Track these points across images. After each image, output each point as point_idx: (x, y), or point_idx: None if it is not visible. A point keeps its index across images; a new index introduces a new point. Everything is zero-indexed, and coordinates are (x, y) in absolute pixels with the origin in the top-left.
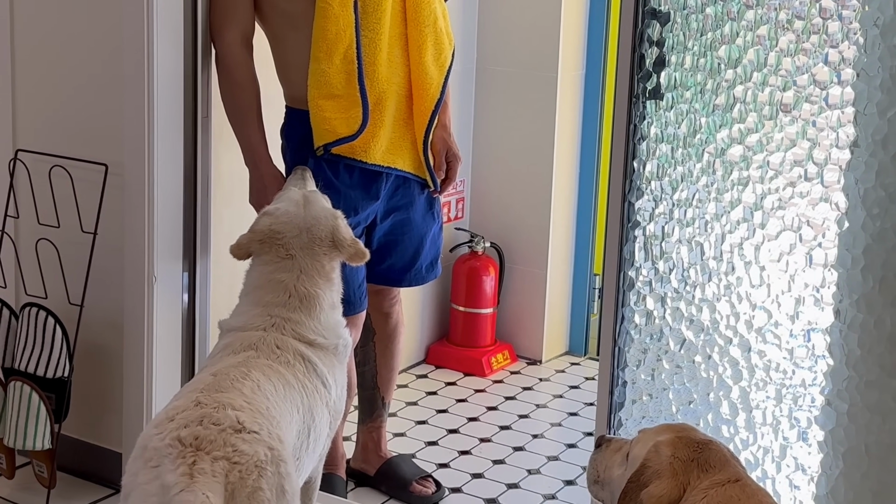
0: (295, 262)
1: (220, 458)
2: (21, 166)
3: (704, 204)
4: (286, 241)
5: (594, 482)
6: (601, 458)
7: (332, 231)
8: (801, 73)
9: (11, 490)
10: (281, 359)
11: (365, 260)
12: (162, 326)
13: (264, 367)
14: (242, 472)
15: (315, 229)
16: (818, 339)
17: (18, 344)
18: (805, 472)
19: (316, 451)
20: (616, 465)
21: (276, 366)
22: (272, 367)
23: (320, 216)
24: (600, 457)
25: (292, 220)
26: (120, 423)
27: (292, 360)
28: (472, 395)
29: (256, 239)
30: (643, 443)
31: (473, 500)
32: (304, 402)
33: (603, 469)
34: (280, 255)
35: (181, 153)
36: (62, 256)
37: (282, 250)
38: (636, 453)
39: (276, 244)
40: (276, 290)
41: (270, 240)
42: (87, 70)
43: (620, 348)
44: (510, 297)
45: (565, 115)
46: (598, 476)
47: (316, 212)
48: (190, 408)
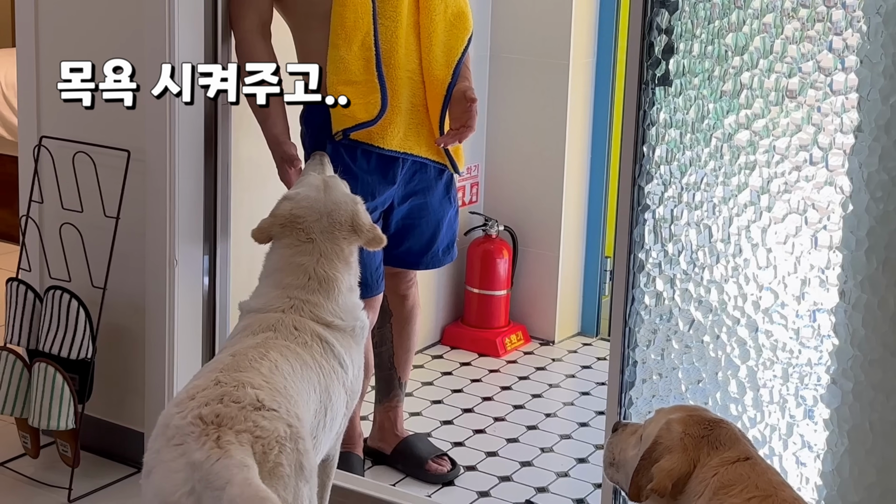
0: (315, 246)
1: (242, 431)
2: (45, 152)
3: (712, 187)
4: (306, 225)
5: (610, 465)
6: (617, 442)
7: (351, 216)
8: (806, 60)
9: (36, 469)
10: (298, 340)
11: (382, 245)
12: (183, 308)
13: (282, 348)
14: (265, 446)
15: (335, 214)
16: (823, 320)
17: (43, 326)
18: (811, 450)
19: (333, 429)
20: (630, 447)
21: (293, 347)
22: (290, 347)
23: (340, 201)
24: (616, 440)
25: (313, 204)
26: (142, 403)
27: (310, 342)
28: (486, 375)
29: (277, 223)
30: (656, 421)
31: (488, 478)
32: (321, 382)
33: (618, 451)
34: (300, 239)
35: (202, 139)
36: (85, 240)
37: (302, 234)
38: (649, 431)
39: (296, 228)
40: (296, 273)
41: (291, 224)
42: (110, 58)
43: (631, 329)
44: (523, 279)
45: (577, 102)
46: (613, 458)
47: (336, 197)
48: (210, 386)
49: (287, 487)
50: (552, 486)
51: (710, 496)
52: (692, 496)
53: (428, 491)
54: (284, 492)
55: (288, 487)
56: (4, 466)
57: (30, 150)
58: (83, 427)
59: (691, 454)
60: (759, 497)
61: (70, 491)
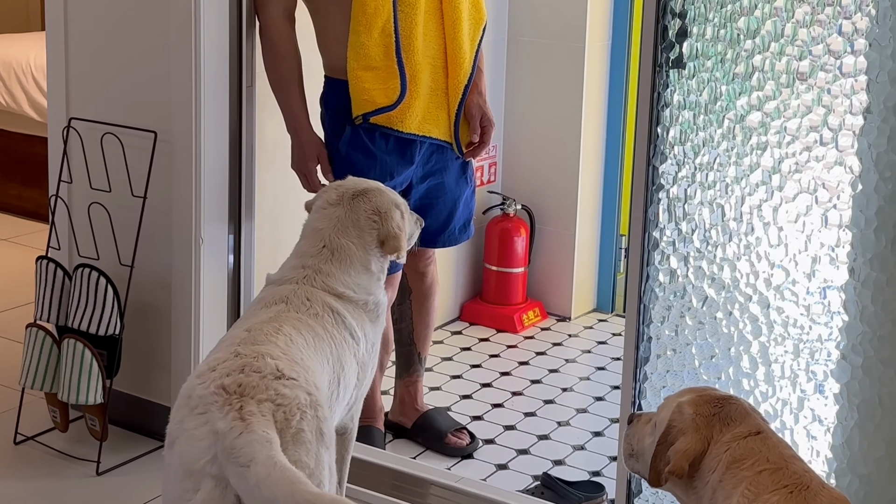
0: (336, 210)
1: (264, 400)
2: (74, 134)
3: (725, 168)
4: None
5: (629, 456)
6: (633, 433)
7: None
8: (816, 43)
9: (65, 442)
10: (310, 311)
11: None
12: (208, 286)
13: (294, 321)
14: (287, 413)
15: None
16: (833, 296)
17: (72, 303)
18: (821, 423)
19: (344, 399)
20: (647, 435)
21: (305, 318)
22: (302, 320)
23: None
24: (632, 431)
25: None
26: (168, 379)
27: (321, 312)
28: (504, 350)
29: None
30: (667, 407)
31: (506, 451)
32: (334, 353)
33: (636, 442)
34: (329, 201)
35: (227, 121)
36: (113, 219)
37: (333, 195)
38: (661, 417)
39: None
40: (312, 240)
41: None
42: (137, 43)
43: (646, 305)
44: (540, 256)
45: (592, 84)
46: (632, 450)
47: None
48: (230, 358)
49: (309, 453)
50: (568, 458)
51: (723, 471)
52: (707, 472)
53: (447, 464)
54: (307, 457)
55: (310, 453)
56: (34, 440)
57: (59, 132)
58: (111, 401)
59: (704, 433)
60: (771, 470)
61: (98, 464)
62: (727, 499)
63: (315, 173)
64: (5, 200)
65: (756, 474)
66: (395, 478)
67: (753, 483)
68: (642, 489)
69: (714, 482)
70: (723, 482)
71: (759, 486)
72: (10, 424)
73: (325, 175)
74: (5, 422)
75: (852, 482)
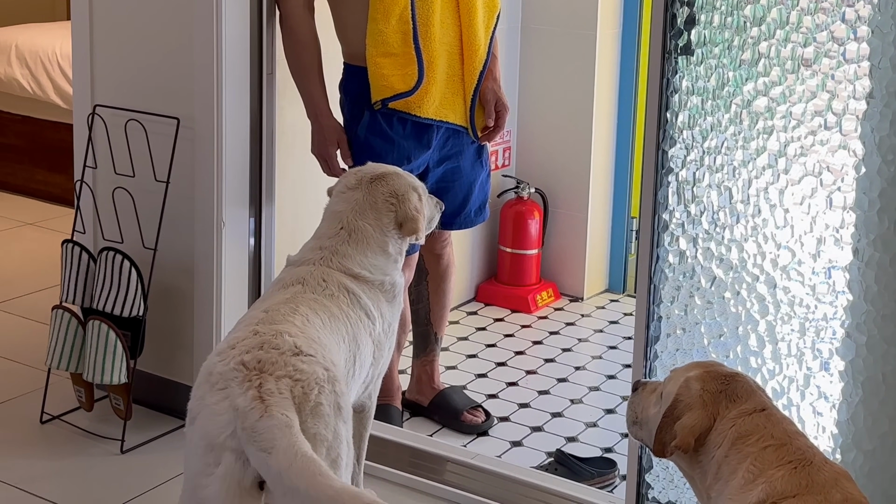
0: (355, 193)
1: (282, 376)
2: (99, 120)
3: (732, 151)
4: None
5: (633, 423)
6: (638, 401)
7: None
8: (820, 30)
9: (90, 421)
10: (326, 292)
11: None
12: (230, 268)
13: (311, 302)
14: (305, 387)
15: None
16: (838, 276)
17: (97, 285)
18: (827, 400)
19: (360, 377)
20: (652, 405)
21: (321, 299)
22: (318, 300)
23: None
24: (637, 399)
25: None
26: (191, 359)
27: (336, 293)
28: (518, 330)
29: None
30: (674, 380)
31: (520, 429)
32: (349, 332)
33: (640, 410)
34: (349, 185)
35: (248, 107)
36: (137, 204)
37: (352, 179)
38: (668, 390)
39: (350, 174)
40: (331, 221)
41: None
42: (160, 31)
43: (656, 286)
44: (554, 238)
45: (603, 71)
46: (636, 417)
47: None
48: (249, 336)
49: (328, 426)
50: (581, 435)
51: (728, 446)
52: (712, 447)
53: (463, 441)
54: (325, 430)
55: (329, 426)
56: (60, 419)
57: (84, 118)
58: (135, 381)
59: (710, 409)
60: (775, 446)
61: (122, 442)
62: (732, 473)
63: (335, 158)
64: (32, 186)
65: (761, 450)
66: (412, 455)
67: (758, 458)
68: (653, 465)
69: (719, 457)
70: (728, 457)
71: (763, 462)
72: (37, 404)
73: (344, 160)
74: (32, 401)
75: (857, 457)
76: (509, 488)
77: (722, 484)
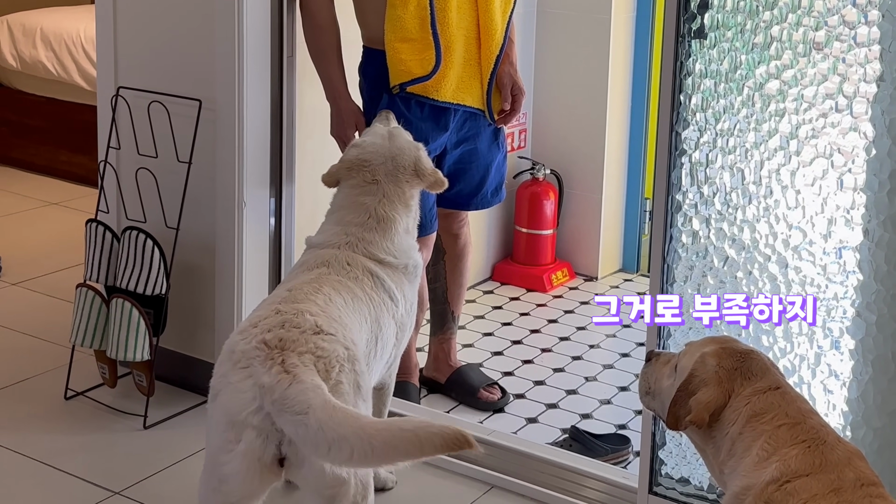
0: (379, 187)
1: (304, 352)
2: (122, 102)
3: (745, 133)
4: (372, 168)
5: (646, 393)
6: (651, 371)
7: (414, 161)
8: (831, 14)
9: (114, 398)
10: (350, 274)
11: (444, 188)
12: (251, 247)
13: (335, 283)
14: (326, 364)
15: (399, 158)
16: (849, 256)
17: (120, 264)
18: (838, 378)
19: (383, 358)
20: (665, 377)
21: (345, 281)
22: (342, 282)
23: (404, 147)
24: (650, 370)
25: (378, 149)
26: (213, 336)
27: (360, 276)
28: (534, 309)
29: (345, 167)
30: (690, 354)
31: (535, 406)
32: (372, 314)
33: (653, 381)
34: (366, 180)
35: (268, 89)
36: (159, 184)
37: (368, 175)
38: (684, 364)
39: (363, 170)
40: (358, 211)
41: (358, 167)
42: (182, 15)
43: (669, 265)
44: (568, 219)
45: (618, 54)
46: (649, 388)
47: (400, 143)
48: (271, 315)
49: (348, 404)
50: (595, 412)
51: (743, 423)
52: (727, 424)
53: (479, 418)
54: None
55: (348, 404)
56: (84, 395)
57: (108, 100)
58: (157, 358)
59: (726, 386)
60: (789, 424)
61: (145, 418)
62: (746, 451)
63: (353, 140)
64: (57, 166)
65: (775, 428)
66: None
67: (772, 437)
68: (666, 441)
69: (734, 434)
70: (742, 435)
71: (777, 440)
72: (61, 380)
73: None
74: (56, 378)
75: (867, 435)
76: (525, 464)
77: (736, 461)
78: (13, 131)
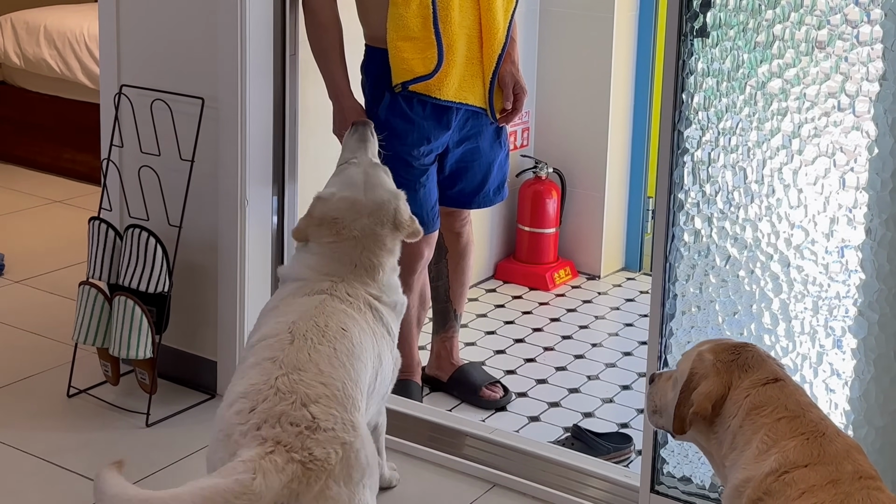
0: (358, 242)
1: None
2: (125, 100)
3: (747, 132)
4: (347, 224)
5: (653, 413)
6: (655, 390)
7: (393, 214)
8: (834, 12)
9: (116, 395)
10: (353, 305)
11: (419, 238)
12: (253, 245)
13: (339, 314)
14: (311, 478)
15: (377, 214)
16: (851, 255)
17: (123, 262)
18: (840, 377)
19: (379, 392)
20: (668, 391)
21: (349, 311)
22: (346, 312)
23: (382, 200)
24: (654, 389)
25: (352, 206)
26: (215, 334)
27: (363, 307)
28: (536, 307)
29: (314, 223)
30: (687, 359)
31: (538, 404)
32: (374, 348)
33: (658, 398)
34: (342, 236)
35: (271, 88)
36: (162, 182)
37: (344, 231)
38: (682, 369)
39: (335, 226)
40: (342, 262)
41: (328, 223)
42: (185, 13)
43: (671, 264)
44: (571, 217)
45: (620, 53)
46: (655, 406)
47: (378, 196)
48: (270, 396)
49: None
50: (598, 411)
51: (743, 417)
52: (727, 417)
53: (482, 416)
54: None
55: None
56: (87, 393)
57: (111, 98)
58: (160, 356)
59: (724, 377)
60: (788, 417)
61: (148, 416)
62: (746, 444)
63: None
64: (60, 164)
65: (775, 421)
66: (431, 429)
67: (772, 430)
68: (668, 440)
69: (734, 427)
70: (742, 428)
71: (777, 433)
72: (64, 378)
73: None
74: (59, 375)
75: (868, 433)
76: (527, 462)
77: (737, 454)
78: (16, 129)
